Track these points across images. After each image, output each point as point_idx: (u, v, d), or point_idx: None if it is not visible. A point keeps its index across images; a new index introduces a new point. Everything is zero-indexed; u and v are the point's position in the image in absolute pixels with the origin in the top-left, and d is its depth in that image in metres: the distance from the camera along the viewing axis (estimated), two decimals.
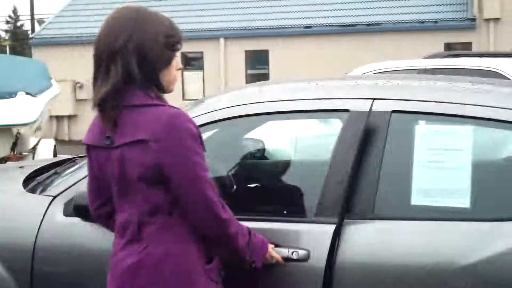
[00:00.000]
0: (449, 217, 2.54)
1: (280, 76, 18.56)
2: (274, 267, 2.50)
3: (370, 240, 2.53)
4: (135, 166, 2.16)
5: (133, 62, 2.16)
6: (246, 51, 19.60)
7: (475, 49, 17.90)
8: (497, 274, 2.41)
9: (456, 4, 18.66)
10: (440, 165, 2.58)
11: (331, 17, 19.36)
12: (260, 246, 2.40)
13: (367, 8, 19.32)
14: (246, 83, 19.55)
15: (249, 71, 19.97)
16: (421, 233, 2.52)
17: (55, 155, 10.25)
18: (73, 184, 2.99)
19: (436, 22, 18.15)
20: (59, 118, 20.08)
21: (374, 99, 2.75)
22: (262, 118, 3.04)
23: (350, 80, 3.19)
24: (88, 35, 20.82)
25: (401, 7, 18.96)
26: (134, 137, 2.16)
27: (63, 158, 4.10)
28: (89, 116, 20.89)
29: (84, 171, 3.01)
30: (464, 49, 18.07)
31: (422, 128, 2.67)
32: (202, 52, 20.11)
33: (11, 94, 9.10)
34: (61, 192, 3.01)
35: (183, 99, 20.25)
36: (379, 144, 2.66)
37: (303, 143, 3.74)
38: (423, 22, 18.26)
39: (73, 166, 3.50)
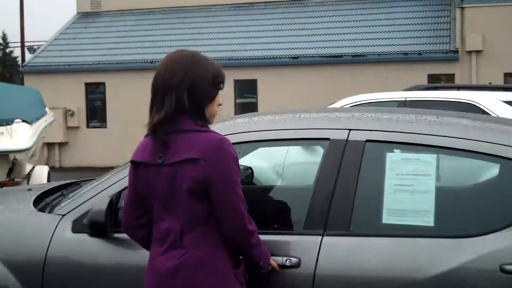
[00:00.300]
0: (415, 234, 2.88)
1: (268, 104, 18.84)
2: (271, 273, 2.84)
3: (346, 252, 2.87)
4: (185, 181, 2.54)
5: (185, 96, 2.55)
6: (235, 80, 19.87)
7: (458, 80, 18.26)
8: (458, 284, 2.75)
9: (439, 37, 19.06)
10: (408, 188, 2.93)
11: (317, 47, 19.66)
12: (266, 254, 2.78)
13: (352, 39, 19.65)
14: (235, 111, 19.82)
15: (238, 100, 20.27)
16: (390, 247, 2.86)
17: (48, 181, 10.48)
18: (81, 204, 3.32)
19: (419, 53, 18.54)
20: (50, 145, 20.23)
21: (351, 129, 3.12)
22: (255, 145, 3.42)
23: (331, 112, 3.55)
24: (79, 63, 21.15)
25: (385, 38, 19.30)
26: (186, 156, 2.54)
27: (69, 182, 4.41)
28: (80, 143, 20.94)
29: (91, 193, 3.35)
30: (447, 80, 18.54)
31: (392, 155, 3.03)
32: None
33: (8, 122, 9.38)
34: (69, 211, 3.33)
35: None
36: (355, 169, 3.01)
37: (291, 167, 4.12)
38: (407, 53, 18.64)
39: (79, 188, 3.82)
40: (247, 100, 20.45)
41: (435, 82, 18.19)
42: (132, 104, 20.42)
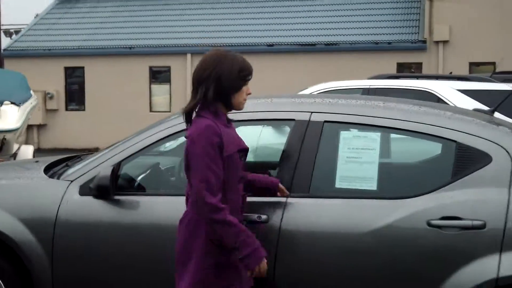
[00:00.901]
0: (361, 196, 3.58)
1: None
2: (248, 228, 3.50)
3: (306, 210, 3.56)
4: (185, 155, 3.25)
5: (212, 88, 3.13)
6: None
7: (425, 68, 19.09)
8: (394, 235, 3.45)
9: (409, 27, 19.84)
10: (357, 160, 3.63)
11: (292, 36, 20.33)
12: (244, 242, 3.11)
13: (325, 28, 20.35)
14: None
15: None
16: (341, 207, 3.55)
17: None
18: (87, 172, 3.96)
19: (389, 43, 19.31)
20: (28, 127, 20.62)
21: (312, 112, 3.80)
22: (236, 124, 4.10)
23: (298, 97, 4.23)
24: (59, 48, 21.58)
25: (357, 28, 20.04)
26: (187, 134, 3.24)
27: (71, 155, 5.04)
28: (58, 125, 21.34)
29: (96, 162, 3.99)
30: (416, 69, 19.33)
31: (345, 133, 3.72)
32: (169, 67, 20.98)
33: None
34: (77, 178, 3.98)
35: (150, 110, 21.12)
36: (315, 144, 3.70)
37: (264, 142, 4.83)
38: (377, 43, 19.40)
39: (80, 160, 4.46)
40: None
41: (403, 70, 18.97)
42: (110, 88, 20.97)
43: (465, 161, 3.53)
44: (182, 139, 3.95)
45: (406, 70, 19.07)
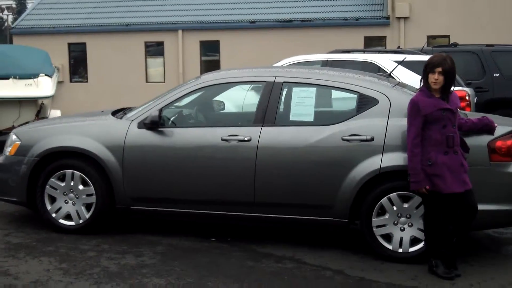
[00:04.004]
0: (305, 124, 6.16)
1: (229, 63, 22.03)
2: (236, 148, 6.13)
3: (272, 134, 6.15)
4: None
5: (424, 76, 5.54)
6: (201, 41, 22.96)
7: (389, 41, 21.69)
8: (322, 146, 6.04)
9: (374, 4, 22.44)
10: (303, 103, 6.22)
11: (272, 13, 22.82)
12: (413, 175, 5.45)
13: (301, 6, 22.88)
14: (201, 68, 22.92)
15: (203, 58, 23.40)
16: (293, 131, 6.15)
17: None
18: (141, 114, 6.52)
19: (357, 19, 21.88)
20: None
21: (276, 76, 6.40)
22: (226, 86, 6.73)
23: (268, 67, 6.85)
24: (63, 26, 23.99)
25: (329, 6, 22.60)
26: None
27: (123, 107, 7.56)
28: (64, 95, 23.89)
29: (147, 107, 6.57)
30: (379, 43, 21.91)
31: (296, 89, 6.31)
32: (162, 42, 23.44)
33: (35, 75, 12.44)
34: (136, 118, 6.54)
35: (146, 81, 23.59)
36: (278, 96, 6.29)
37: (249, 95, 7.54)
38: (346, 19, 21.98)
39: (131, 110, 7.02)
40: (211, 58, 23.57)
41: (370, 43, 21.57)
42: (110, 61, 23.44)
43: (363, 103, 6.13)
44: (194, 96, 6.59)
45: (372, 43, 21.66)
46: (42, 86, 12.34)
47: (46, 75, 12.66)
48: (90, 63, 23.90)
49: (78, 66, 24.38)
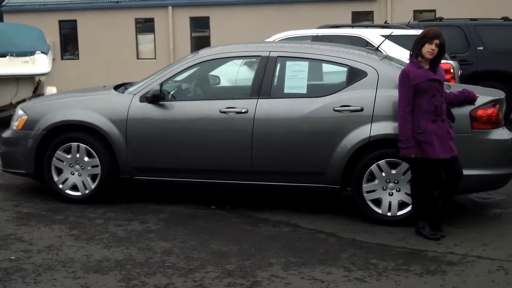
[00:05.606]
0: (298, 96, 6.53)
1: (219, 39, 22.29)
2: (232, 120, 6.48)
3: (267, 106, 6.51)
4: None
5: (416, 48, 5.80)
6: (191, 18, 23.17)
7: (376, 16, 22.00)
8: (315, 116, 6.39)
9: None
10: (295, 76, 6.57)
11: None
12: (403, 140, 5.76)
13: None
14: (191, 44, 23.17)
15: (193, 34, 23.62)
16: (288, 102, 6.53)
17: None
18: (143, 88, 6.84)
19: None
20: None
21: (270, 51, 6.74)
22: (223, 61, 7.06)
23: (262, 42, 7.18)
24: (53, 3, 24.10)
25: None
26: None
27: (124, 82, 7.88)
28: (55, 72, 23.96)
29: (148, 82, 6.91)
30: (366, 18, 22.22)
31: (289, 63, 6.66)
32: (153, 18, 23.63)
33: (31, 53, 12.70)
34: (138, 92, 6.87)
35: (137, 58, 23.83)
36: (272, 69, 6.63)
37: (243, 70, 7.88)
38: None
39: (132, 84, 7.34)
40: (201, 34, 23.79)
41: (357, 18, 21.88)
42: (100, 38, 23.61)
43: (353, 76, 6.48)
44: (192, 70, 6.91)
45: (360, 18, 21.98)
46: (38, 63, 12.61)
47: (42, 52, 12.93)
48: (81, 40, 24.09)
49: (68, 43, 24.57)
